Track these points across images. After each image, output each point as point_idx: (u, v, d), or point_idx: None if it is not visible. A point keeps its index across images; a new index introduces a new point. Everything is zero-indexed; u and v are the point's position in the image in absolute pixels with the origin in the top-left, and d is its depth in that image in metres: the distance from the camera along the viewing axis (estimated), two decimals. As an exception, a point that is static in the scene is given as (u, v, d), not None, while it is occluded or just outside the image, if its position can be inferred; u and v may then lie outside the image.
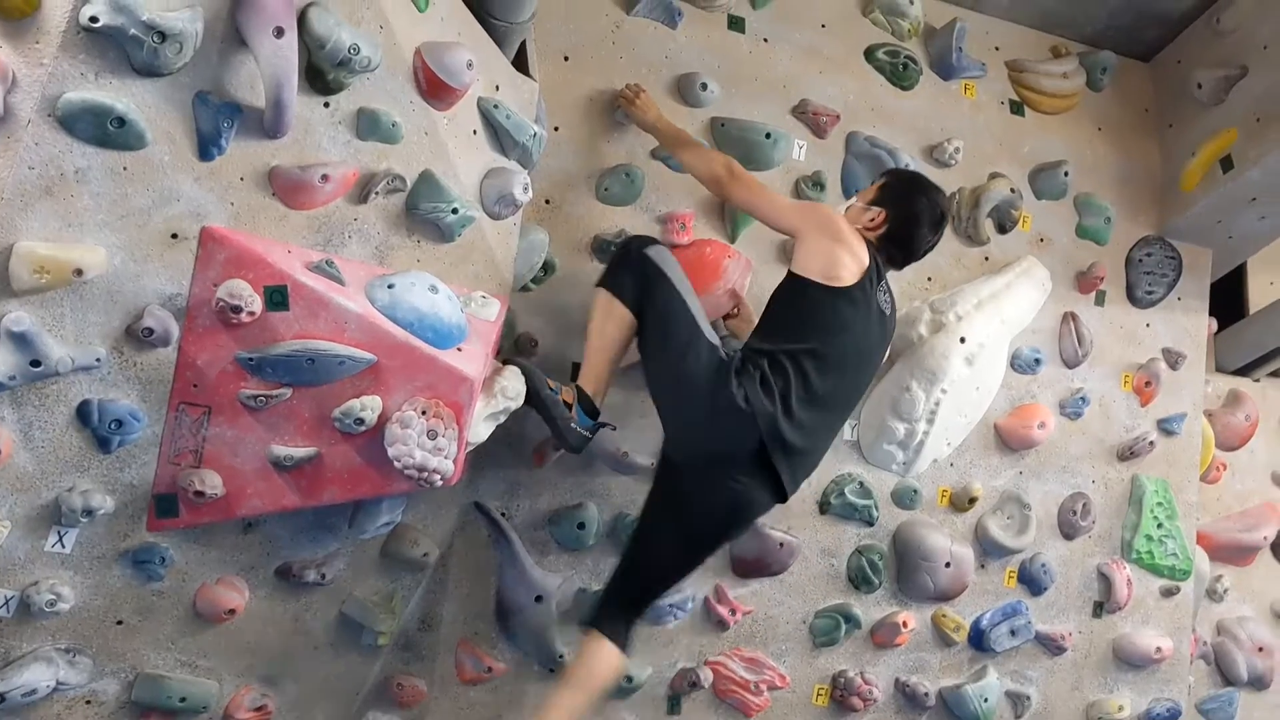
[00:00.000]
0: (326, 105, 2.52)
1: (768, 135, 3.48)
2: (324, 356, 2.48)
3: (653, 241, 2.98)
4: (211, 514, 2.59)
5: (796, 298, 2.90)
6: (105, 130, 2.21)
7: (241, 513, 2.61)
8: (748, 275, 3.38)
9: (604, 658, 2.89)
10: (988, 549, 3.82)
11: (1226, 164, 3.87)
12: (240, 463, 2.56)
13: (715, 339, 2.86)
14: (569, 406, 2.87)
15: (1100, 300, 4.03)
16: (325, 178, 2.54)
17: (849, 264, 2.86)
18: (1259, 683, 4.44)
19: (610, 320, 2.90)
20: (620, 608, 2.97)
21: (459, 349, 2.67)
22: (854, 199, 3.17)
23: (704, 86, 3.43)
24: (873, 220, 3.02)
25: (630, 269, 2.91)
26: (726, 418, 2.76)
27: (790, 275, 2.92)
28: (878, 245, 3.00)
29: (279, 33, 2.31)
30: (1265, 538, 4.48)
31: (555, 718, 2.84)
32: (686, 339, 2.83)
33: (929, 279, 3.75)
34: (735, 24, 3.55)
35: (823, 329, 2.86)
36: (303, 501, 2.63)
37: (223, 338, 2.47)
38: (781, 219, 3.01)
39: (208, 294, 2.42)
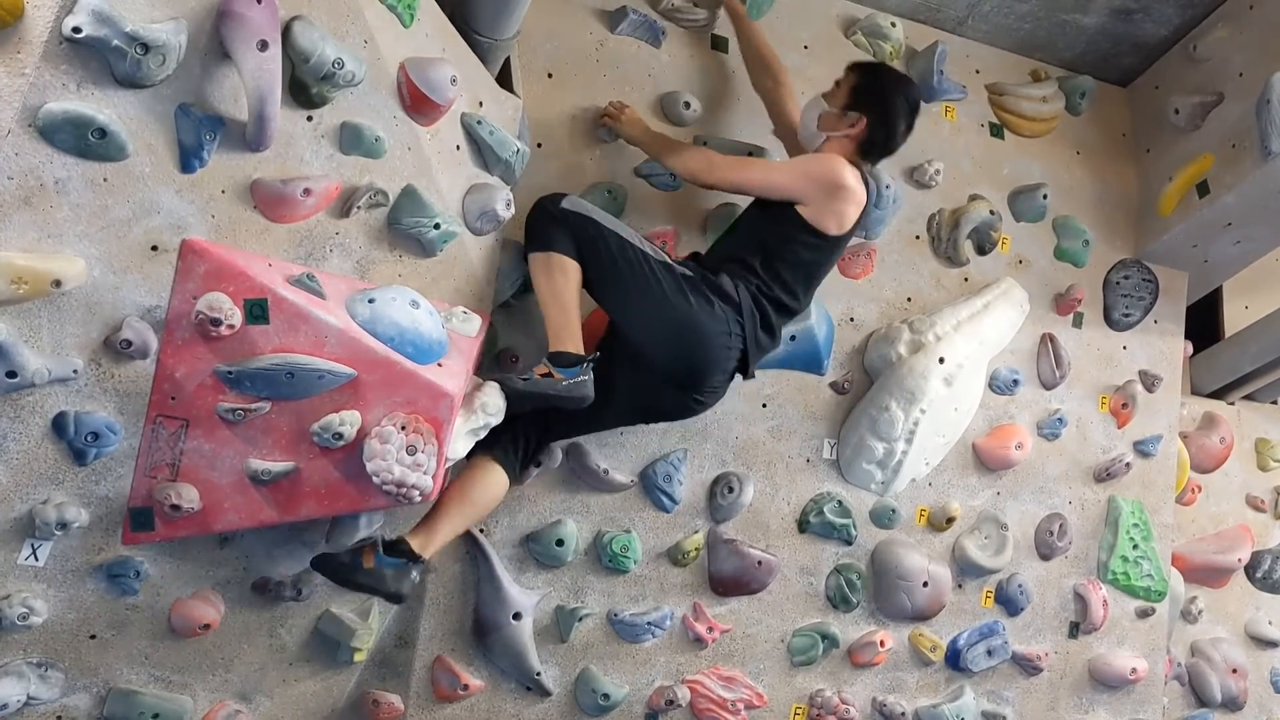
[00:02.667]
0: (310, 119, 2.52)
1: (750, 154, 3.49)
2: (303, 370, 2.47)
3: (561, 195, 2.98)
4: (187, 528, 2.57)
5: (794, 229, 2.99)
6: (86, 141, 2.19)
7: (218, 527, 2.59)
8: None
9: (497, 485, 2.94)
10: (965, 569, 3.83)
11: (1203, 189, 3.91)
12: (217, 476, 2.54)
13: (663, 255, 2.97)
14: (549, 375, 2.84)
15: (1078, 322, 4.06)
16: (307, 191, 2.53)
17: (852, 211, 3.01)
18: (1232, 704, 4.47)
19: (556, 275, 2.90)
20: (529, 449, 3.04)
21: (439, 364, 2.66)
22: (823, 104, 3.13)
23: (686, 105, 3.44)
24: (853, 126, 3.08)
25: (554, 223, 2.91)
26: (711, 342, 2.90)
27: (796, 214, 2.99)
28: (858, 149, 3.09)
29: (263, 46, 2.30)
30: (1239, 560, 4.52)
31: (439, 540, 2.82)
32: (643, 272, 2.89)
33: (908, 299, 3.77)
34: (718, 44, 3.57)
35: (808, 277, 3.08)
36: (280, 516, 2.61)
37: (201, 350, 2.45)
38: (780, 186, 3.03)
39: (187, 306, 2.41)
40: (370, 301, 2.59)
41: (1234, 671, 4.44)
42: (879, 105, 3.08)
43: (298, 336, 2.47)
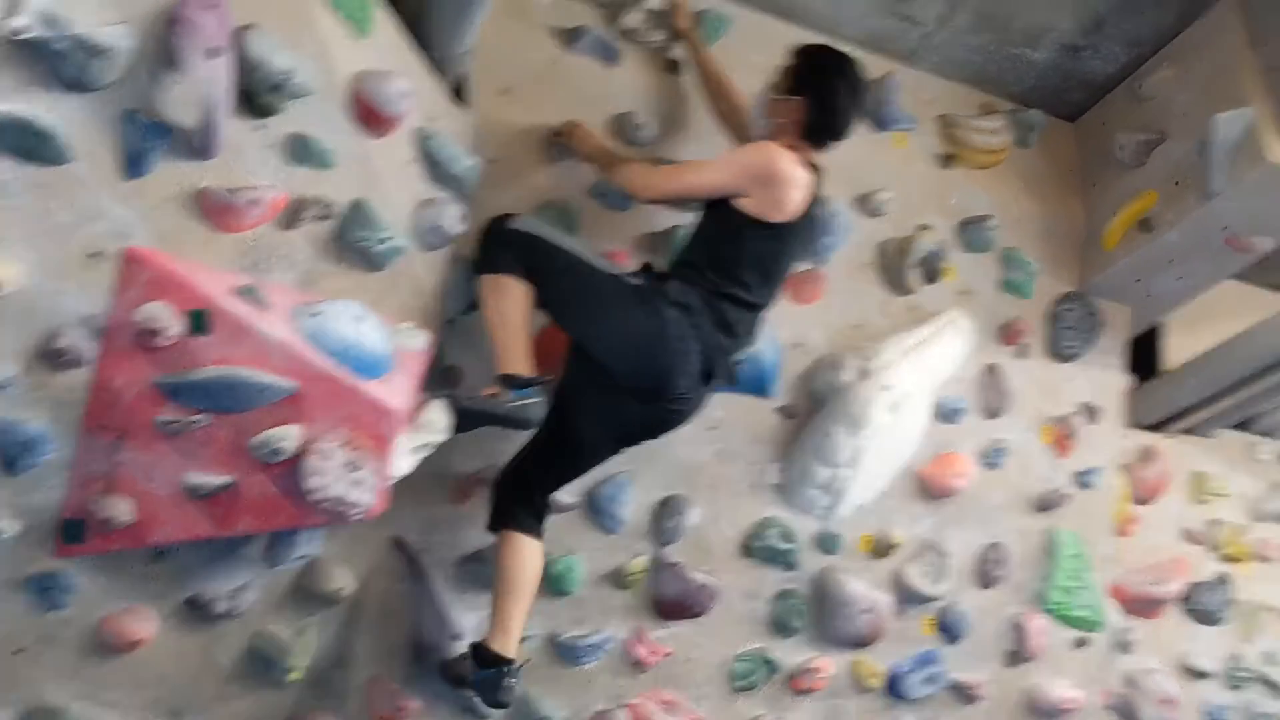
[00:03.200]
0: (258, 128, 2.48)
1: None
2: (244, 383, 2.43)
3: (510, 216, 2.96)
4: (121, 541, 2.51)
5: (742, 223, 2.96)
6: (28, 144, 2.14)
7: (152, 540, 2.54)
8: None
9: (532, 555, 2.96)
10: (906, 596, 3.84)
11: (1146, 225, 3.98)
12: (153, 489, 2.49)
13: (615, 268, 2.96)
14: (496, 396, 2.84)
15: (1022, 353, 4.11)
16: (254, 202, 2.49)
17: (795, 195, 2.95)
18: (1165, 734, 4.52)
19: (504, 298, 2.88)
20: (530, 500, 3.01)
21: (384, 380, 2.63)
22: (765, 93, 3.10)
23: (640, 126, 3.45)
24: (793, 111, 3.02)
25: (503, 245, 2.90)
26: (665, 346, 2.86)
27: (738, 209, 2.96)
28: (801, 133, 3.03)
29: (213, 54, 2.27)
30: (1174, 592, 4.58)
31: (514, 628, 2.90)
32: (594, 286, 2.88)
33: (856, 326, 3.80)
34: (673, 67, 3.58)
35: (763, 268, 3.01)
36: (216, 531, 2.57)
37: (141, 361, 2.40)
38: (717, 184, 3.00)
39: (127, 316, 2.36)
40: (315, 315, 2.56)
41: (1166, 702, 4.49)
42: (816, 86, 3.01)
43: (240, 349, 2.43)
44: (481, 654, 2.89)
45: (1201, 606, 4.68)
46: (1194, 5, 3.84)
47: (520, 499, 3.00)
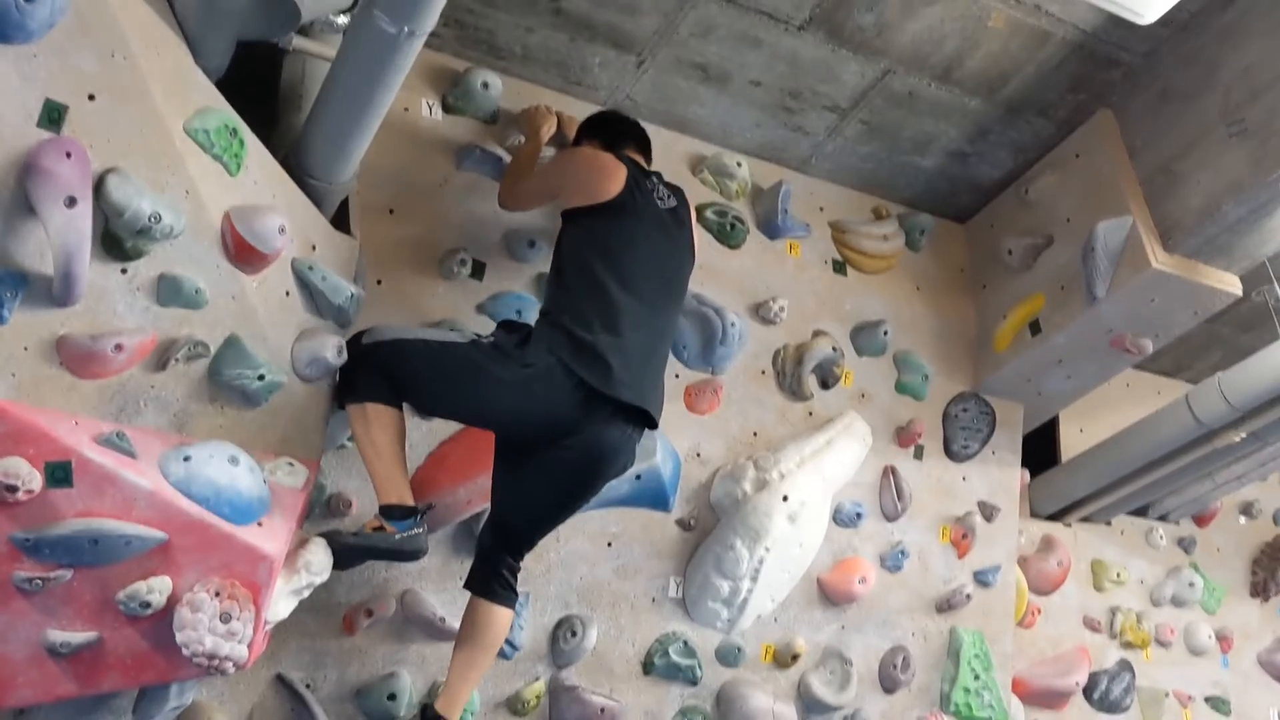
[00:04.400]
0: (124, 271, 2.40)
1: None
2: (109, 536, 2.33)
3: (362, 332, 2.90)
4: (-26, 705, 2.39)
5: (576, 233, 2.97)
6: None
7: (8, 704, 2.41)
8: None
9: (495, 619, 2.92)
10: (810, 706, 3.81)
11: (1035, 327, 4.05)
12: (10, 650, 2.36)
13: (467, 334, 2.91)
14: (381, 529, 2.76)
15: (919, 454, 4.13)
16: (119, 347, 2.40)
17: (608, 180, 2.98)
18: (1073, 830, 4.53)
19: (374, 427, 2.81)
20: (495, 565, 2.94)
21: (259, 524, 2.54)
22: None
23: (531, 243, 3.42)
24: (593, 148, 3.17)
25: (361, 369, 2.82)
26: (544, 389, 2.76)
27: (564, 218, 3.03)
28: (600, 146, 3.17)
29: (71, 202, 2.20)
30: (1077, 682, 4.61)
31: (461, 693, 2.89)
32: (451, 361, 2.81)
33: (754, 434, 3.79)
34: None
35: (610, 250, 2.92)
36: (80, 690, 2.45)
37: (-4, 516, 2.30)
38: (545, 189, 3.18)
39: (-19, 472, 2.26)
40: (186, 459, 2.47)
41: (1074, 797, 4.50)
42: (596, 128, 3.30)
43: (104, 500, 2.34)
44: (428, 714, 2.86)
45: (1104, 695, 4.72)
46: (1074, 114, 3.95)
47: (487, 564, 2.95)
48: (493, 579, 2.94)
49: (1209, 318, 4.07)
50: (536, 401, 2.77)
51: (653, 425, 2.93)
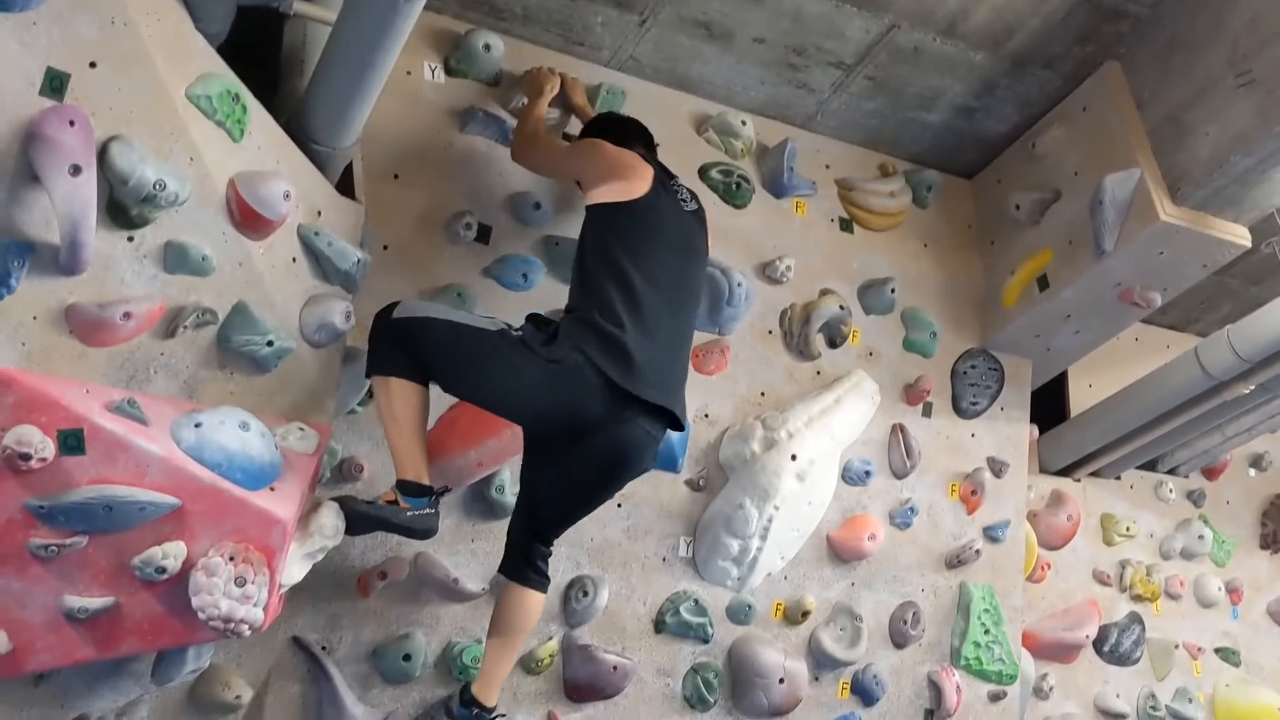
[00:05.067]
0: (130, 239, 2.42)
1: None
2: (122, 502, 2.35)
3: (393, 305, 2.86)
4: (-4, 671, 2.42)
5: (603, 231, 2.93)
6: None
7: (29, 668, 2.44)
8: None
9: (529, 603, 2.97)
10: (821, 661, 3.84)
11: (1043, 283, 4.03)
12: (29, 616, 2.38)
13: (498, 323, 2.85)
14: (395, 503, 2.77)
15: (927, 412, 4.14)
16: (127, 315, 2.41)
17: (636, 180, 2.95)
18: (1084, 779, 4.57)
19: (396, 401, 2.79)
20: (526, 550, 2.97)
21: (271, 488, 2.56)
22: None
23: (537, 205, 3.42)
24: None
25: (388, 342, 2.81)
26: (570, 385, 2.72)
27: (589, 211, 2.99)
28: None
29: (75, 171, 2.21)
30: (1087, 635, 4.64)
31: (496, 676, 2.95)
32: (474, 350, 2.78)
33: (762, 394, 3.79)
34: (569, 141, 3.56)
35: (638, 249, 2.89)
36: (99, 654, 2.48)
37: (10, 484, 2.30)
38: (565, 171, 3.26)
39: (-5, 439, 2.28)
40: (197, 425, 2.49)
41: (1084, 747, 4.54)
42: (602, 127, 3.24)
43: (116, 466, 2.36)
44: (465, 696, 2.94)
45: (1115, 648, 4.75)
46: (1080, 67, 3.91)
47: (519, 551, 2.98)
48: (526, 565, 2.97)
49: (1218, 270, 4.05)
50: (562, 397, 2.74)
51: (678, 427, 2.92)
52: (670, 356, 2.92)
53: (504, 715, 3.05)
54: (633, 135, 3.20)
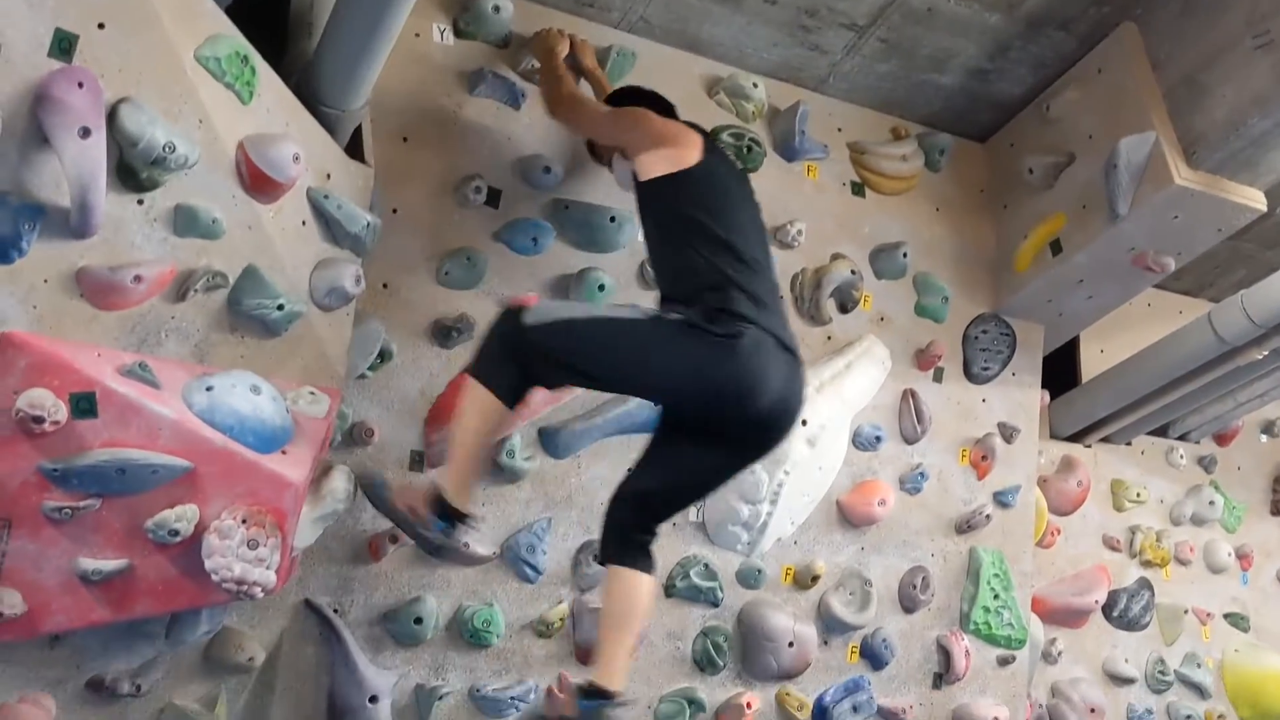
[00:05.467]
0: (140, 202, 2.41)
1: (612, 219, 3.46)
2: (135, 465, 2.37)
3: (520, 311, 2.74)
4: (12, 633, 2.43)
5: (675, 202, 2.84)
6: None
7: (45, 630, 2.47)
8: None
9: (634, 588, 2.85)
10: (830, 626, 3.85)
11: (1056, 247, 4.00)
12: (44, 578, 2.41)
13: (645, 310, 2.78)
14: (416, 511, 2.75)
15: (938, 377, 4.12)
16: (138, 278, 2.42)
17: (688, 147, 2.89)
18: (1091, 742, 4.59)
19: (474, 412, 2.74)
20: (634, 534, 2.89)
21: (283, 452, 2.58)
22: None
23: (546, 169, 3.40)
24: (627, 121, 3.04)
25: (508, 352, 2.71)
26: (754, 355, 2.67)
27: (648, 188, 2.88)
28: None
29: (85, 133, 2.20)
30: (1096, 600, 4.64)
31: (618, 660, 2.81)
32: (638, 340, 2.72)
33: (773, 358, 3.78)
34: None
35: (718, 210, 2.83)
36: (113, 616, 2.50)
37: (24, 447, 2.33)
38: (608, 137, 3.10)
39: (7, 403, 2.28)
40: (208, 389, 2.50)
41: (1092, 711, 4.55)
42: (626, 97, 3.15)
43: (129, 430, 2.37)
44: (589, 691, 2.80)
45: (1124, 613, 4.76)
46: (1096, 29, 3.87)
47: (625, 533, 2.91)
48: (635, 548, 2.89)
49: (1232, 235, 4.02)
50: (745, 368, 2.67)
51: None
52: (783, 310, 2.95)
53: (627, 702, 2.88)
54: (655, 106, 3.10)
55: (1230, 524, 5.16)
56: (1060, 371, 4.79)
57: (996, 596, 4.16)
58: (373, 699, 3.10)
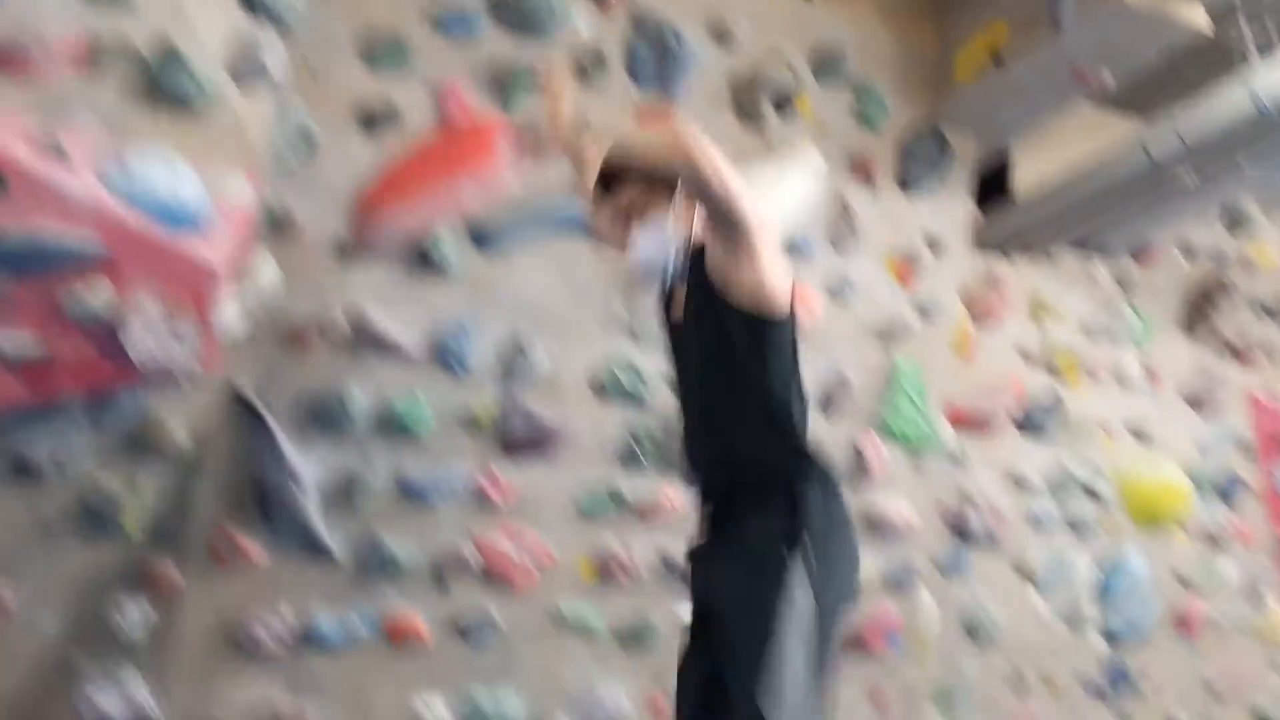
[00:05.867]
0: (46, -34, 2.27)
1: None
2: (48, 245, 2.31)
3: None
4: (-72, 412, 2.41)
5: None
6: None
7: (-38, 410, 2.44)
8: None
9: None
10: (753, 426, 3.93)
11: (997, 59, 3.96)
12: (-43, 358, 2.37)
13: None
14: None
15: (872, 186, 4.12)
16: (49, 48, 2.30)
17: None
18: (990, 541, 4.81)
19: None
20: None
21: (202, 234, 2.52)
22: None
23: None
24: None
25: None
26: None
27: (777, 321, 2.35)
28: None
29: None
30: (1007, 410, 4.79)
31: None
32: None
33: (707, 161, 3.73)
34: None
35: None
36: (34, 396, 2.48)
37: (-69, 225, 2.25)
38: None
39: (-91, 176, 2.19)
40: (122, 166, 2.42)
41: (994, 512, 4.76)
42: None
43: (41, 208, 2.30)
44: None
45: (1032, 423, 4.93)
46: None
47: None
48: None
49: (1172, 58, 4.00)
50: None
51: None
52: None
53: None
54: None
55: (1142, 341, 5.32)
56: (992, 186, 4.80)
57: (912, 403, 4.28)
58: (298, 481, 3.14)
